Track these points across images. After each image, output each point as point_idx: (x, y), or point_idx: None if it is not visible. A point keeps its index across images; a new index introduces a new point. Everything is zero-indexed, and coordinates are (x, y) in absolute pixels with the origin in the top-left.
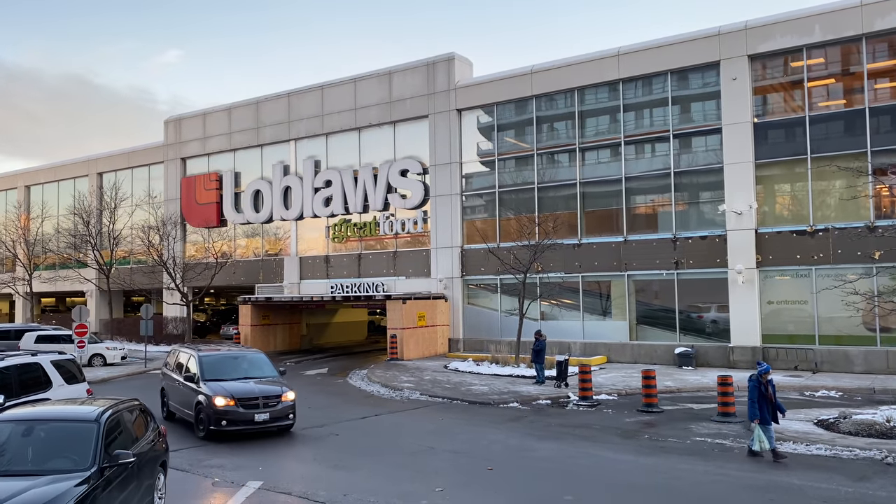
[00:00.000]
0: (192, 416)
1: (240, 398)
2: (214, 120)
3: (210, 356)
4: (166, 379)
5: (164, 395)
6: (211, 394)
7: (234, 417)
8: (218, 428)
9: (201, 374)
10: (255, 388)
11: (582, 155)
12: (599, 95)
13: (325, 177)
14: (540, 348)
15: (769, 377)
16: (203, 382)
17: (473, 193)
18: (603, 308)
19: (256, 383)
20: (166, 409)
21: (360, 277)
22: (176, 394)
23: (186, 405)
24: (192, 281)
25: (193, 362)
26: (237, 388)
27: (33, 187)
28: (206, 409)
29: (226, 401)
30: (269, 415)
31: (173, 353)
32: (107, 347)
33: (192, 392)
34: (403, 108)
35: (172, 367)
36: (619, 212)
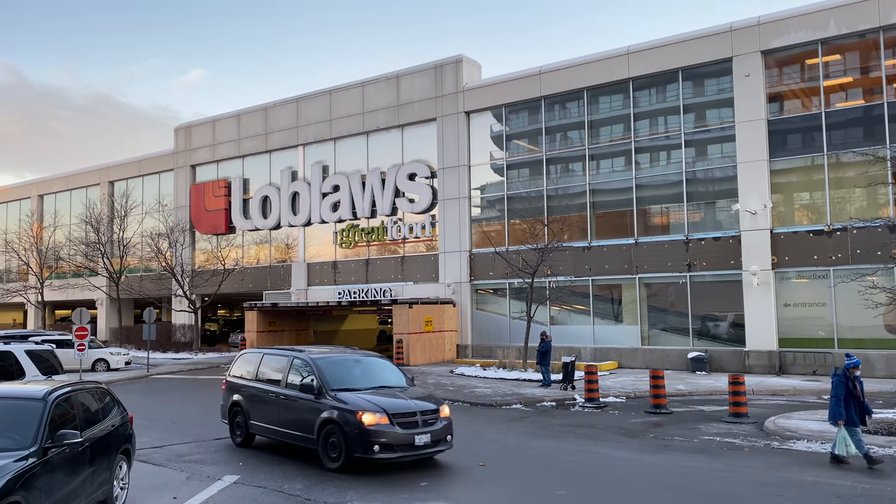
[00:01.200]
0: (308, 439)
1: (394, 414)
2: (224, 126)
3: (328, 358)
4: (242, 391)
5: (240, 413)
6: (353, 408)
7: (391, 440)
8: (366, 455)
9: (323, 382)
10: (410, 402)
11: (592, 156)
12: (609, 95)
13: (332, 182)
14: (545, 350)
15: (857, 372)
16: (330, 393)
17: (482, 196)
18: (614, 312)
19: (398, 394)
20: (242, 430)
21: (367, 283)
22: (270, 410)
23: (294, 425)
24: (200, 288)
25: (302, 367)
26: (387, 401)
27: (46, 196)
28: (347, 429)
29: (377, 417)
30: (430, 436)
31: (247, 359)
32: (110, 352)
33: (308, 407)
34: (411, 112)
35: (252, 375)
36: (629, 213)
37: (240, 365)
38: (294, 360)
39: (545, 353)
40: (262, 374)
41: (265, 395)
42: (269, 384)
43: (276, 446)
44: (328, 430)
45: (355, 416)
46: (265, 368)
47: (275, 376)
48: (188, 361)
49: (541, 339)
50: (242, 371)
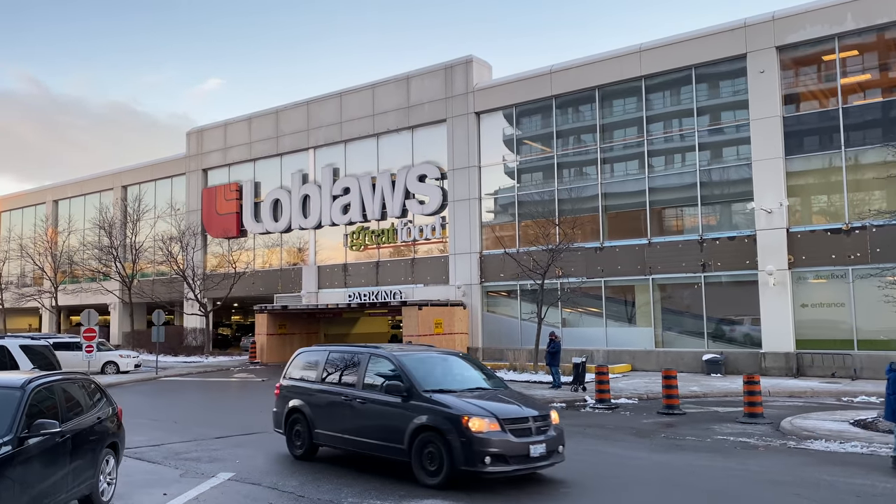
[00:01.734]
0: (394, 449)
1: (506, 419)
2: (235, 130)
3: (413, 356)
4: (303, 396)
5: (301, 421)
6: (457, 412)
7: (505, 451)
8: (475, 468)
9: (413, 382)
10: (520, 407)
11: (603, 155)
12: (621, 94)
13: (343, 184)
14: (555, 350)
15: None
16: (424, 395)
17: (492, 197)
18: (627, 314)
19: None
20: (304, 441)
21: (377, 286)
22: (341, 416)
23: (375, 433)
24: (212, 292)
25: (383, 366)
26: (495, 404)
27: (61, 202)
28: (451, 437)
29: (487, 423)
30: (545, 446)
31: (306, 358)
32: (120, 355)
33: (394, 412)
34: (421, 113)
35: (316, 376)
36: (642, 213)
37: (298, 366)
38: (371, 358)
39: (554, 353)
40: (329, 375)
41: (335, 399)
42: (340, 386)
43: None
44: (424, 438)
45: (460, 421)
46: (332, 369)
47: (347, 378)
48: (198, 364)
49: (549, 340)
50: (302, 373)
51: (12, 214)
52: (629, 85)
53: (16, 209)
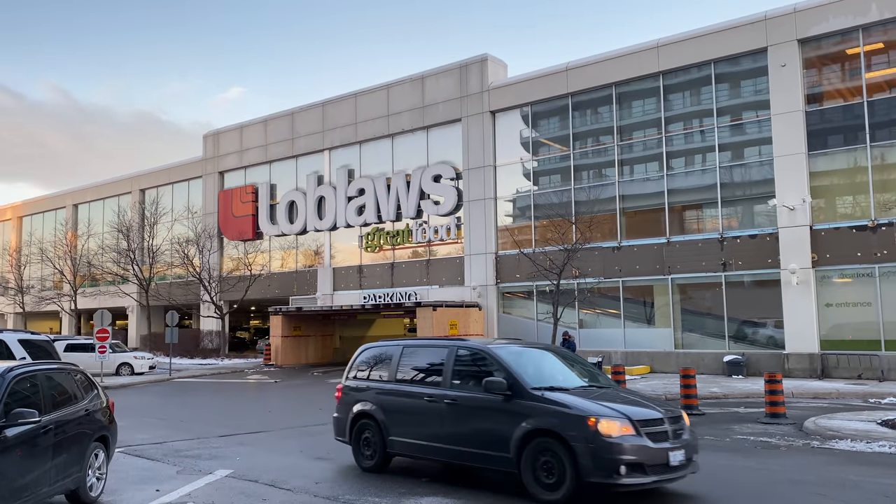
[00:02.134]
0: (497, 459)
1: (640, 421)
2: (251, 132)
3: (508, 349)
4: (373, 398)
5: (371, 427)
6: (581, 412)
7: (643, 458)
8: (609, 479)
9: (517, 378)
10: (650, 407)
11: (621, 152)
12: (639, 90)
13: (358, 185)
14: (569, 349)
15: None
16: (533, 393)
17: (508, 197)
18: (645, 315)
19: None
20: (375, 450)
21: (392, 287)
22: (424, 420)
23: (471, 439)
24: (228, 294)
25: (475, 361)
26: (622, 405)
27: (81, 206)
28: (575, 442)
29: (619, 426)
30: (684, 452)
31: (374, 355)
32: (134, 357)
33: (496, 414)
34: (436, 113)
35: (389, 375)
36: (660, 211)
37: (365, 363)
38: (458, 353)
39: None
40: (406, 373)
41: (415, 401)
42: (422, 386)
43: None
44: (538, 445)
45: (586, 423)
46: (410, 366)
47: (429, 375)
48: (213, 367)
49: (563, 340)
50: (370, 371)
51: (33, 219)
52: (647, 81)
53: (36, 214)
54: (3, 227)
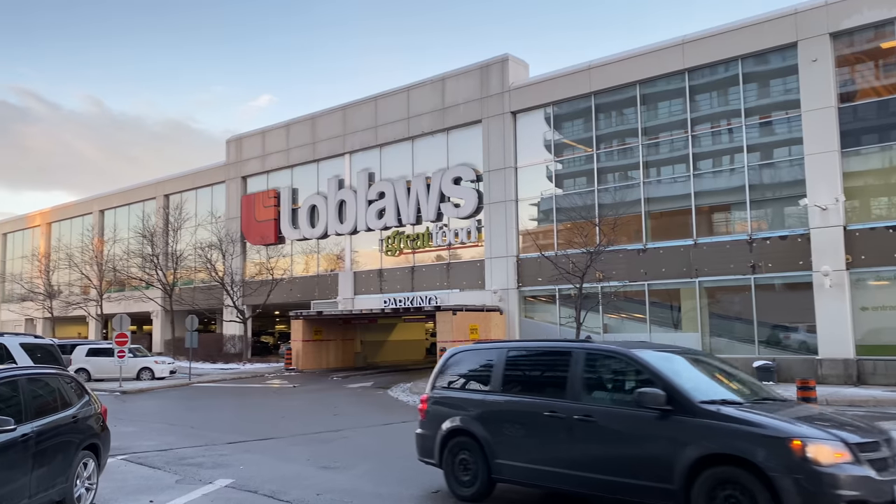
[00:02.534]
0: (652, 490)
1: (856, 444)
2: (273, 137)
3: (650, 352)
4: (472, 411)
5: (471, 447)
6: (781, 434)
7: (868, 494)
8: None
9: (677, 389)
10: (862, 429)
11: (646, 152)
12: (663, 88)
13: (378, 189)
14: None
15: None
16: (702, 409)
17: (529, 199)
18: (672, 319)
19: (807, 411)
20: (477, 475)
21: (413, 291)
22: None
23: (616, 466)
24: (250, 298)
25: (611, 368)
26: (826, 425)
27: (107, 211)
28: (776, 474)
29: (833, 451)
30: None
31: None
32: (155, 361)
33: (649, 433)
34: (456, 114)
35: (494, 384)
36: (687, 213)
37: (457, 370)
38: (588, 357)
39: None
40: (516, 382)
41: (532, 416)
42: (539, 397)
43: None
44: (718, 475)
45: (788, 448)
46: (519, 373)
47: (548, 385)
48: (234, 371)
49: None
50: (465, 380)
51: (61, 225)
52: (672, 79)
53: (64, 220)
54: (33, 234)
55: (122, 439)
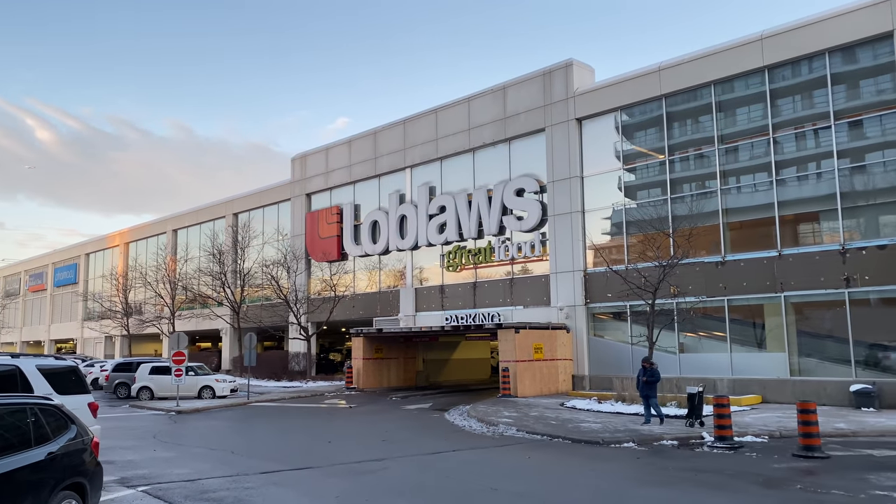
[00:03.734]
0: None
1: None
2: (336, 154)
3: None
4: None
5: None
6: None
7: None
8: None
9: None
10: None
11: (723, 156)
12: (740, 87)
13: (439, 202)
14: (652, 380)
15: None
16: None
17: (596, 209)
18: (755, 338)
19: None
20: None
21: (475, 308)
22: None
23: None
24: (314, 315)
25: None
26: None
27: (180, 231)
28: None
29: None
30: None
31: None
32: (216, 379)
33: None
34: (518, 124)
35: None
36: (770, 222)
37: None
38: None
39: (651, 384)
40: None
41: None
42: None
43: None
44: None
45: None
46: None
47: None
48: (296, 389)
49: (642, 367)
50: None
51: (138, 245)
52: (750, 79)
53: (141, 239)
54: (112, 253)
55: (154, 466)
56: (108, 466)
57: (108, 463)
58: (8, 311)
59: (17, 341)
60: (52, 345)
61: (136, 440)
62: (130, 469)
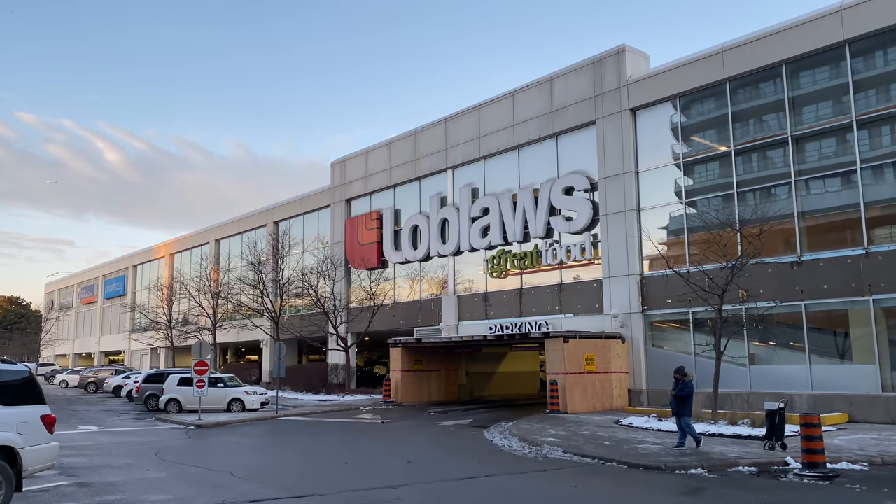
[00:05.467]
0: None
1: None
2: (375, 157)
3: None
4: None
5: None
6: None
7: None
8: None
9: None
10: None
11: (796, 145)
12: (815, 67)
13: (481, 204)
14: (685, 394)
15: None
16: None
17: (654, 207)
18: (838, 348)
19: None
20: None
21: (521, 316)
22: None
23: None
24: (354, 326)
25: None
26: None
27: (222, 241)
28: None
29: None
30: None
31: None
32: (246, 392)
33: None
34: (566, 117)
35: None
36: (854, 216)
37: None
38: None
39: (684, 398)
40: None
41: None
42: None
43: None
44: None
45: None
46: None
47: None
48: (331, 403)
49: (675, 380)
50: None
51: (182, 256)
52: (827, 56)
53: (185, 250)
54: (158, 265)
55: (134, 490)
56: (81, 490)
57: (84, 486)
58: (61, 324)
59: (69, 353)
60: (103, 357)
61: (135, 458)
62: (105, 493)
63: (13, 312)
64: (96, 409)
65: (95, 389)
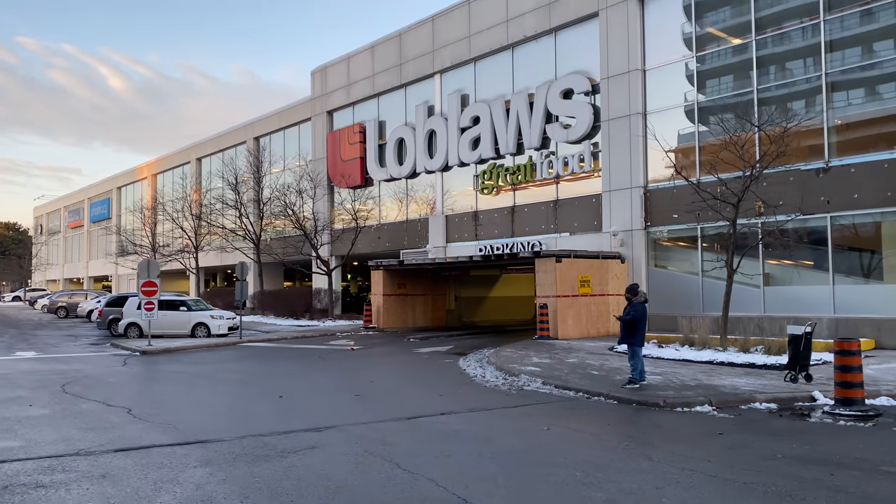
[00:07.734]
0: None
1: None
2: (358, 63)
3: None
4: None
5: None
6: None
7: None
8: None
9: None
10: None
11: (826, 32)
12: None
13: (472, 112)
14: (633, 318)
15: None
16: None
17: (662, 109)
18: (864, 266)
19: None
20: None
21: (513, 236)
22: None
23: None
24: (336, 248)
25: None
26: None
27: (203, 159)
28: None
29: None
30: None
31: None
32: (211, 316)
33: None
34: (566, 8)
35: None
36: (889, 112)
37: None
38: None
39: (633, 325)
40: None
41: None
42: None
43: None
44: None
45: None
46: None
47: None
48: (308, 329)
49: (626, 298)
50: None
51: (164, 176)
52: None
53: (167, 170)
54: (142, 186)
55: (18, 428)
56: None
57: None
58: (50, 248)
59: (59, 278)
60: (91, 282)
61: (33, 391)
62: None
63: (10, 238)
64: (58, 333)
65: (66, 314)
